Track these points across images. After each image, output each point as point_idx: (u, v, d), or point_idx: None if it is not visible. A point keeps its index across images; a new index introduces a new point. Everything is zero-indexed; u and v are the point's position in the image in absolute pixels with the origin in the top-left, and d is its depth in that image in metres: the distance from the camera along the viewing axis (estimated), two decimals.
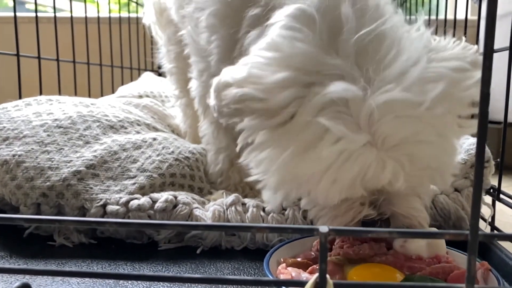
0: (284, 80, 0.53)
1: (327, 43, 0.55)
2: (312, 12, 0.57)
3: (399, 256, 0.57)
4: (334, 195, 0.52)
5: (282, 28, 0.57)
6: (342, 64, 0.53)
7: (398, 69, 0.53)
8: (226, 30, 0.72)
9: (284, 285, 0.41)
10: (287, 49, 0.54)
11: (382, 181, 0.51)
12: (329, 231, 0.35)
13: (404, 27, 0.60)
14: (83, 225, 0.40)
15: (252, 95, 0.52)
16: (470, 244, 0.34)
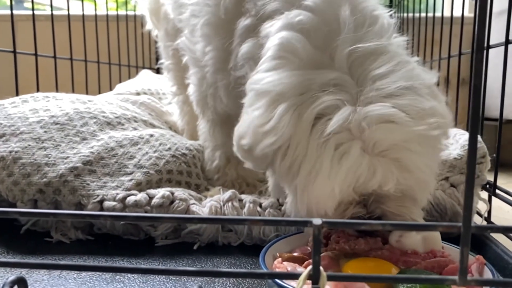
0: (281, 113, 0.56)
1: (320, 56, 0.58)
2: (304, 25, 0.60)
3: (394, 250, 0.57)
4: (334, 201, 0.54)
5: (268, 63, 0.60)
6: (335, 77, 0.56)
7: (389, 85, 0.55)
8: (220, 41, 0.74)
9: (277, 278, 0.41)
10: (275, 88, 0.57)
11: (373, 185, 0.53)
12: (322, 223, 0.35)
13: (398, 46, 0.62)
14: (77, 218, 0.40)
15: (267, 143, 0.57)
16: (463, 236, 0.34)
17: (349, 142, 0.53)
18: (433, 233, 0.59)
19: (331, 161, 0.53)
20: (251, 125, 0.58)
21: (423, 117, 0.54)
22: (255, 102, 0.59)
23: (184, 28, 0.84)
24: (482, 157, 0.75)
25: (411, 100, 0.54)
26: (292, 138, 0.55)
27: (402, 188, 0.55)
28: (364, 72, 0.57)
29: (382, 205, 0.57)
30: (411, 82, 0.56)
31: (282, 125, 0.54)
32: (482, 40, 0.33)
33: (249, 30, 0.68)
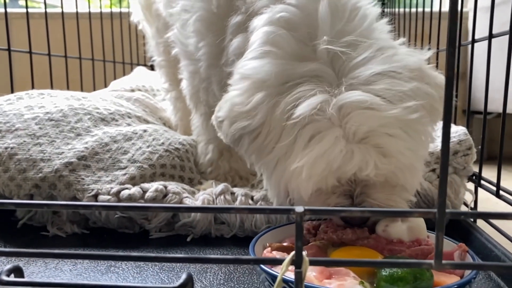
0: (257, 101, 0.58)
1: (303, 49, 0.60)
2: (287, 21, 0.62)
3: (380, 239, 0.59)
4: (309, 186, 0.55)
5: (253, 52, 0.63)
6: (316, 68, 0.58)
7: (368, 71, 0.57)
8: (213, 37, 0.76)
9: (262, 263, 0.43)
10: (256, 75, 0.60)
11: (351, 169, 0.54)
12: (304, 210, 0.37)
13: (380, 31, 0.64)
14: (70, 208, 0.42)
15: (240, 126, 0.60)
16: (438, 221, 0.36)
17: (327, 130, 0.55)
18: (418, 223, 0.61)
19: (303, 146, 0.54)
20: (228, 101, 0.61)
21: (401, 100, 0.55)
22: (237, 83, 0.62)
23: (175, 22, 0.86)
24: (468, 149, 0.77)
25: (388, 84, 0.56)
26: (265, 124, 0.57)
27: (385, 174, 0.56)
28: (344, 63, 0.58)
29: (368, 197, 0.59)
30: (389, 67, 0.57)
31: (256, 112, 0.56)
32: (454, 34, 0.35)
33: (239, 27, 0.70)
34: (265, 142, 0.58)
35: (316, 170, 0.54)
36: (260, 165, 0.62)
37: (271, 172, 0.60)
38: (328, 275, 0.49)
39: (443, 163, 0.35)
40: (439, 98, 0.59)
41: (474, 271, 0.50)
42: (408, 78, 0.57)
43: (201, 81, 0.82)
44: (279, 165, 0.57)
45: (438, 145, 0.78)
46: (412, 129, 0.56)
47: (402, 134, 0.55)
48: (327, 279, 0.49)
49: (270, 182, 0.61)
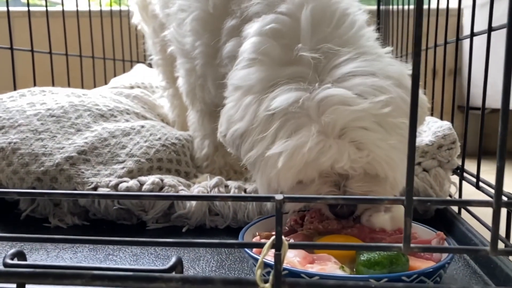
0: (246, 104, 0.63)
1: (288, 55, 0.64)
2: (275, 31, 0.66)
3: (364, 229, 0.62)
4: (288, 177, 0.59)
5: (242, 62, 0.67)
6: (298, 70, 0.62)
7: (345, 71, 0.60)
8: (209, 37, 0.79)
9: (245, 247, 0.46)
10: (245, 83, 0.65)
11: (327, 161, 0.57)
12: (284, 198, 0.40)
13: (367, 39, 0.67)
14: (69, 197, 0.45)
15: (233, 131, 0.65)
16: (406, 208, 0.39)
17: (306, 124, 0.58)
18: (400, 213, 0.64)
19: (282, 141, 0.57)
20: (225, 115, 0.65)
21: (374, 95, 0.58)
22: (230, 95, 0.66)
23: (171, 22, 0.89)
24: (452, 143, 0.80)
25: (360, 80, 0.59)
26: (251, 124, 0.60)
27: (362, 166, 0.59)
28: (326, 65, 0.62)
29: (352, 190, 0.62)
30: (366, 68, 0.60)
31: (245, 114, 0.60)
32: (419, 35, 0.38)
33: (233, 30, 0.73)
34: (252, 139, 0.61)
35: (293, 161, 0.57)
36: (249, 161, 0.65)
37: (257, 167, 0.63)
38: (311, 260, 0.53)
39: (409, 156, 0.38)
40: (419, 114, 0.63)
41: (449, 256, 0.53)
42: (384, 78, 0.60)
43: (197, 78, 0.86)
44: (262, 158, 0.61)
45: (423, 140, 0.82)
46: (386, 122, 0.59)
47: (376, 127, 0.58)
48: (310, 263, 0.52)
49: (257, 177, 0.64)
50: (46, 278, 0.41)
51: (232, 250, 0.69)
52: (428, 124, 0.87)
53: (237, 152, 0.66)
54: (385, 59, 0.66)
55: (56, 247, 0.70)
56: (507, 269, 0.54)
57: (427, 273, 0.49)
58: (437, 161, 0.80)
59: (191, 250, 0.68)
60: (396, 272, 0.49)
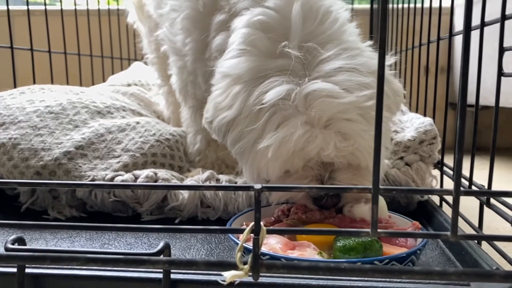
0: (234, 93, 0.66)
1: (276, 48, 0.66)
2: (263, 23, 0.69)
3: (345, 219, 0.66)
4: (276, 166, 0.62)
5: (231, 52, 0.70)
6: (286, 64, 0.65)
7: (332, 67, 0.63)
8: (198, 34, 0.83)
9: (226, 232, 0.50)
10: (234, 71, 0.68)
11: (313, 150, 0.61)
12: (262, 187, 0.44)
13: (349, 34, 0.70)
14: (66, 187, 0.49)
15: (221, 118, 0.68)
16: (372, 196, 0.43)
17: (293, 116, 0.61)
18: (380, 204, 0.68)
19: (271, 131, 0.61)
20: (212, 102, 0.68)
21: (358, 90, 0.62)
22: (218, 82, 0.69)
23: (164, 22, 0.93)
24: (433, 138, 0.84)
25: (347, 76, 0.62)
26: (240, 113, 0.64)
27: (345, 156, 0.63)
28: (312, 60, 0.65)
29: (335, 180, 0.66)
30: (351, 64, 0.64)
31: (233, 103, 0.63)
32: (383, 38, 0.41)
33: (222, 25, 0.77)
34: (240, 129, 0.65)
35: (281, 150, 0.61)
36: (237, 151, 0.68)
37: (245, 157, 0.66)
38: (292, 247, 0.57)
39: (376, 148, 0.42)
40: (394, 102, 0.67)
41: (421, 244, 0.56)
42: (367, 73, 0.64)
43: (188, 75, 0.89)
44: (252, 149, 0.64)
45: (406, 135, 0.85)
46: (369, 115, 0.62)
47: (360, 118, 0.62)
48: (290, 250, 0.56)
49: (246, 167, 0.68)
50: (44, 260, 0.44)
51: (221, 240, 0.73)
52: (411, 120, 0.90)
53: (223, 139, 0.70)
54: (367, 53, 0.69)
55: (54, 237, 0.74)
56: (475, 255, 0.58)
57: (398, 258, 0.53)
58: (419, 155, 0.83)
59: (182, 240, 0.72)
60: (369, 257, 0.53)
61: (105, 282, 0.51)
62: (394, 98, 0.68)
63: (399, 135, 0.85)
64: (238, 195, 0.83)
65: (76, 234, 0.77)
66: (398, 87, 0.70)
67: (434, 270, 0.43)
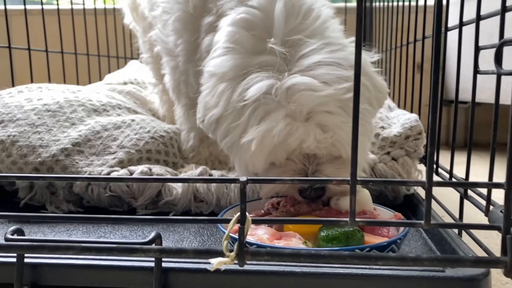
0: (220, 91, 0.69)
1: (260, 45, 0.69)
2: (247, 22, 0.71)
3: (331, 211, 0.69)
4: (260, 159, 0.65)
5: (217, 50, 0.73)
6: (268, 60, 0.67)
7: (312, 61, 0.66)
8: (189, 35, 0.86)
9: (213, 222, 0.53)
10: (219, 70, 0.70)
11: (294, 142, 0.63)
12: (247, 180, 0.46)
13: (332, 30, 0.73)
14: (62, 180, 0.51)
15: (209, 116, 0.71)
16: (350, 187, 0.46)
17: (275, 110, 0.64)
18: (365, 197, 0.71)
19: (254, 125, 0.64)
20: (201, 102, 0.71)
21: (338, 83, 0.64)
22: (206, 82, 0.72)
23: (157, 23, 0.95)
24: (418, 133, 0.86)
25: (327, 70, 0.65)
26: (226, 110, 0.66)
27: (326, 147, 0.65)
28: (294, 55, 0.68)
29: (320, 173, 0.68)
30: (331, 58, 0.66)
31: (219, 101, 0.66)
32: (359, 38, 0.44)
33: (211, 26, 0.80)
34: (226, 125, 0.68)
35: (264, 143, 0.63)
36: (225, 146, 0.71)
37: (233, 152, 0.69)
38: (278, 237, 0.59)
39: (353, 141, 0.45)
40: (375, 97, 0.69)
41: (402, 233, 0.59)
42: (348, 67, 0.66)
43: (180, 74, 0.92)
44: (238, 144, 0.67)
45: (392, 131, 0.88)
46: (348, 107, 0.64)
47: (339, 111, 0.64)
48: (277, 240, 0.58)
49: (235, 161, 0.71)
50: (42, 249, 0.47)
51: (213, 232, 0.76)
52: (397, 116, 0.93)
53: (214, 135, 0.73)
54: (349, 48, 0.71)
55: (52, 230, 0.76)
56: (454, 244, 0.61)
57: (379, 247, 0.55)
58: (405, 150, 0.86)
59: (176, 233, 0.75)
60: (351, 246, 0.55)
61: (100, 271, 0.54)
62: (376, 93, 0.70)
63: (385, 131, 0.88)
64: (230, 189, 0.85)
65: (73, 227, 0.80)
66: (381, 83, 0.73)
67: (408, 257, 0.46)
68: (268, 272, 0.50)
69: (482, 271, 0.51)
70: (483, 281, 0.50)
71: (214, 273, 0.51)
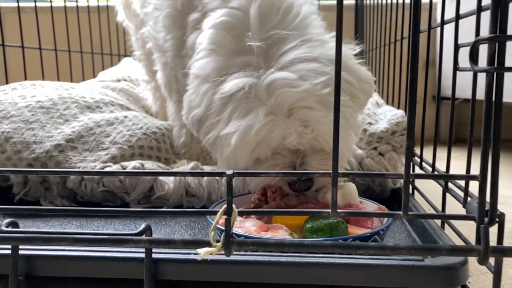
0: (203, 92, 0.72)
1: (240, 45, 0.71)
2: (227, 23, 0.73)
3: (318, 204, 0.71)
4: (244, 155, 0.67)
5: (200, 53, 0.75)
6: (249, 59, 0.69)
7: (290, 57, 0.67)
8: (177, 31, 0.88)
9: (202, 214, 0.55)
10: (202, 72, 0.73)
11: (276, 138, 0.65)
12: (233, 173, 0.48)
13: (313, 27, 0.74)
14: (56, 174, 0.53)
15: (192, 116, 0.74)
16: (333, 179, 0.48)
17: (257, 106, 0.66)
18: (351, 190, 0.73)
19: (236, 122, 0.66)
20: (186, 101, 0.73)
21: (316, 78, 0.66)
22: (191, 82, 0.75)
23: (148, 20, 0.97)
24: (404, 129, 0.89)
25: (304, 65, 0.66)
26: (208, 110, 0.69)
27: (308, 142, 0.67)
28: (275, 53, 0.69)
29: (307, 165, 0.70)
30: (310, 54, 0.68)
31: (202, 100, 0.68)
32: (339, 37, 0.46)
33: (196, 23, 0.82)
34: (209, 123, 0.70)
35: (246, 139, 0.65)
36: (208, 143, 0.73)
37: (215, 148, 0.71)
38: (266, 229, 0.61)
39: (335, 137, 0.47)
40: (360, 88, 0.71)
41: (385, 224, 0.61)
42: (328, 62, 0.68)
43: (171, 70, 0.94)
44: (219, 139, 0.69)
45: (379, 127, 0.90)
46: (327, 101, 0.66)
47: (318, 106, 0.66)
48: (264, 231, 0.61)
49: (218, 157, 0.73)
50: (36, 241, 0.49)
51: (204, 226, 0.78)
52: (384, 112, 0.95)
53: (198, 133, 0.75)
54: (329, 44, 0.73)
55: (46, 225, 0.78)
56: (435, 235, 0.63)
57: (362, 237, 0.58)
58: (391, 145, 0.89)
59: (167, 226, 0.77)
60: (335, 237, 0.58)
61: (92, 262, 0.55)
62: (361, 85, 0.72)
63: (373, 127, 0.90)
64: (221, 184, 0.87)
65: (67, 222, 0.81)
66: (366, 74, 0.74)
67: (387, 246, 0.48)
68: (254, 262, 0.52)
69: (460, 260, 0.53)
70: (461, 269, 0.52)
71: (203, 263, 0.53)
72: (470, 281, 0.63)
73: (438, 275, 0.52)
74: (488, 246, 0.46)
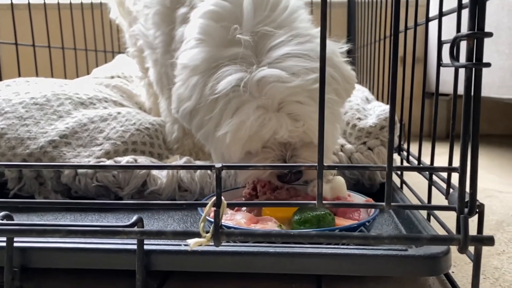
0: (193, 84, 0.72)
1: (230, 36, 0.72)
2: (217, 14, 0.74)
3: (307, 197, 0.73)
4: (236, 149, 0.68)
5: (189, 43, 0.75)
6: (239, 52, 0.70)
7: (281, 53, 0.69)
8: (166, 27, 0.89)
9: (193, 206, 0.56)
10: (192, 63, 0.73)
11: (267, 133, 0.67)
12: (222, 166, 0.50)
13: (300, 21, 0.75)
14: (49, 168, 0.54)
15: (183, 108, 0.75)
16: (318, 172, 0.49)
17: (248, 102, 0.67)
18: (340, 184, 0.74)
19: (228, 118, 0.67)
20: (175, 93, 0.74)
21: (306, 74, 0.67)
22: (179, 73, 0.75)
23: (140, 18, 0.98)
24: None
25: (295, 61, 0.68)
26: (199, 102, 0.70)
27: (298, 136, 0.68)
28: (264, 47, 0.70)
29: (298, 158, 0.72)
30: (299, 50, 0.69)
31: (192, 94, 0.69)
32: (323, 36, 0.47)
33: (184, 18, 0.83)
34: (200, 117, 0.71)
35: (239, 135, 0.67)
36: (201, 137, 0.74)
37: (209, 142, 0.73)
38: (255, 221, 0.63)
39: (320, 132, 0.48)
40: (344, 88, 0.73)
41: (371, 216, 0.63)
42: (315, 58, 0.69)
43: (161, 67, 0.95)
44: (213, 135, 0.70)
45: (368, 122, 0.92)
46: (317, 97, 0.67)
47: (309, 101, 0.67)
48: (254, 224, 0.62)
49: (211, 150, 0.74)
50: (31, 233, 0.50)
51: (196, 219, 0.79)
52: (373, 108, 0.97)
53: (189, 126, 0.76)
54: (317, 39, 0.74)
55: (41, 219, 0.79)
56: (420, 227, 0.65)
57: (348, 228, 0.59)
58: (380, 140, 0.90)
59: (160, 220, 0.78)
60: (322, 228, 0.59)
61: (86, 254, 0.57)
62: (344, 84, 0.74)
63: (362, 122, 0.92)
64: (213, 179, 0.89)
65: (61, 216, 0.83)
66: (349, 74, 0.76)
67: (370, 235, 0.50)
68: (243, 253, 0.54)
69: (442, 249, 0.55)
70: (443, 259, 0.54)
71: (193, 254, 0.54)
72: (454, 270, 0.65)
73: (421, 264, 0.54)
74: (468, 236, 0.48)
